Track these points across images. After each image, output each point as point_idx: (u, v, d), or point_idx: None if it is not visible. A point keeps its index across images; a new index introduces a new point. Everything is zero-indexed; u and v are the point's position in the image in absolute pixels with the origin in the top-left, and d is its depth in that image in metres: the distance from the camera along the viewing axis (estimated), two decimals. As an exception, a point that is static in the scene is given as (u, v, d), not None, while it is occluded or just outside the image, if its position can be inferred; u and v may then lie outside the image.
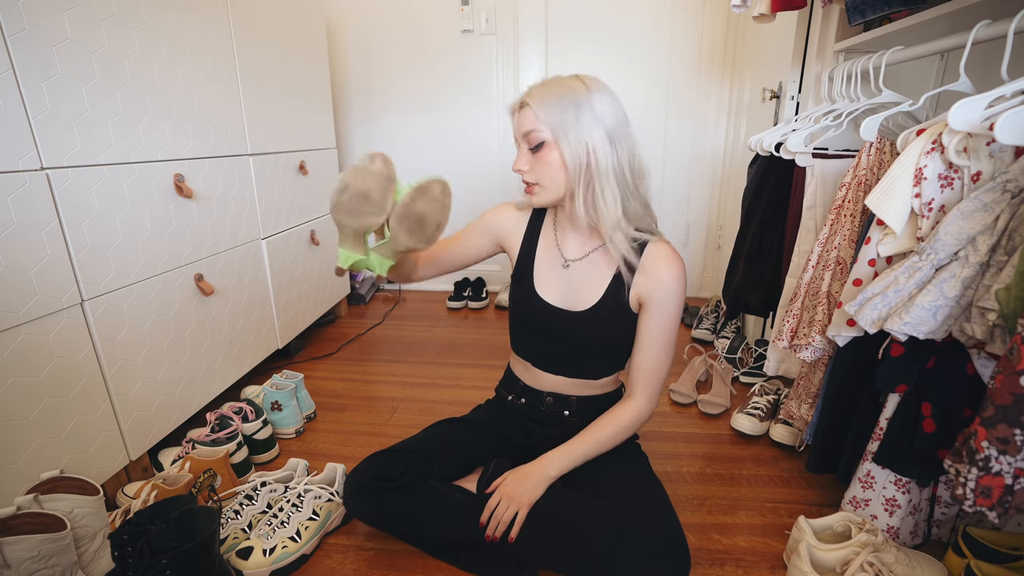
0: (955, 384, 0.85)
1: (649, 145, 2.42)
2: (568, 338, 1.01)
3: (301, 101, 1.86)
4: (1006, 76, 0.77)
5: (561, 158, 0.88)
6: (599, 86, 0.89)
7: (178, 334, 1.28)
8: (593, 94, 0.87)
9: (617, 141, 0.88)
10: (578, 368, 1.04)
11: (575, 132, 0.86)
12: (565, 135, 0.87)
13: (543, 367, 1.06)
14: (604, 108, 0.87)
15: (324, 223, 2.03)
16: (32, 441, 0.94)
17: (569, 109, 0.86)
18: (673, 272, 0.93)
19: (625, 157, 0.89)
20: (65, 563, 0.82)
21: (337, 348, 1.98)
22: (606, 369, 1.05)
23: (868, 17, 1.09)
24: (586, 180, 0.89)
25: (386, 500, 0.97)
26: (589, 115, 0.87)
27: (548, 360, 1.06)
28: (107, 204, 1.08)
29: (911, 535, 0.98)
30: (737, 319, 1.99)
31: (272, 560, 0.95)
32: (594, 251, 0.99)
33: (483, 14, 2.30)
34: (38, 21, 0.93)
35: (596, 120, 0.87)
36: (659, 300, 0.94)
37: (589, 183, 0.89)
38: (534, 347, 1.07)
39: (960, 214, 0.73)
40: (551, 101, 0.87)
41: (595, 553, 0.84)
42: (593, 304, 0.97)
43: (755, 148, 1.43)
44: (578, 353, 1.03)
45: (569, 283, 1.00)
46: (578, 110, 0.86)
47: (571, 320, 0.99)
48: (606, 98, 0.88)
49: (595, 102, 0.87)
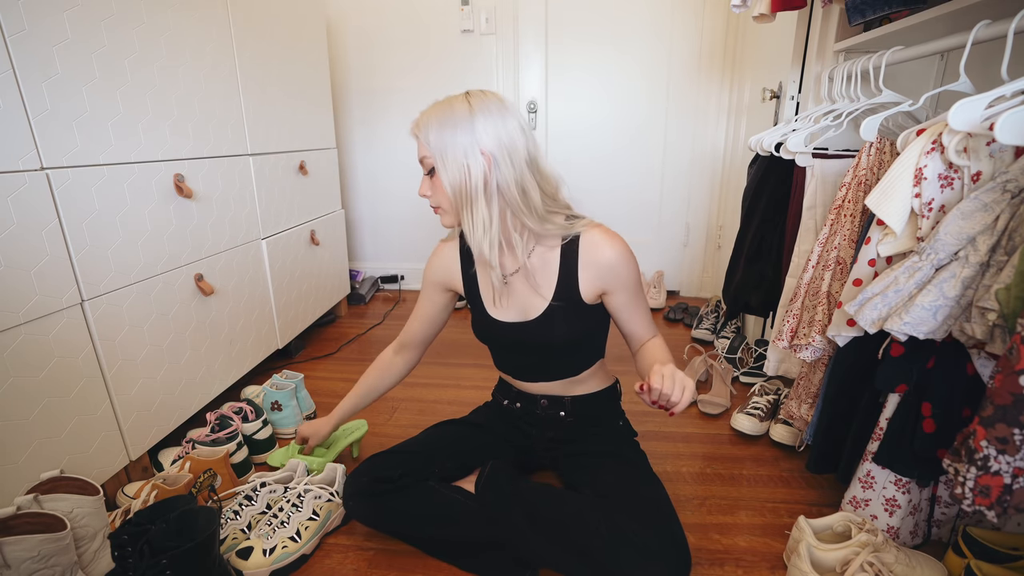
0: (955, 384, 0.85)
1: (649, 145, 2.42)
2: (535, 346, 1.01)
3: (301, 101, 1.86)
4: (1006, 76, 0.77)
5: (453, 180, 0.88)
6: (484, 104, 0.87)
7: (178, 334, 1.28)
8: (476, 114, 0.86)
9: (500, 158, 0.87)
10: (557, 370, 1.05)
11: (451, 154, 0.86)
12: (443, 158, 0.87)
13: (525, 378, 1.08)
14: (485, 127, 0.86)
15: (324, 223, 2.03)
16: (32, 441, 0.94)
17: (446, 132, 0.86)
18: (614, 252, 0.93)
19: (510, 173, 0.87)
20: (65, 563, 0.82)
21: (337, 348, 1.98)
22: (584, 363, 1.06)
23: (868, 17, 1.09)
24: (465, 200, 0.88)
25: (385, 502, 0.97)
26: (467, 135, 0.85)
27: (527, 371, 1.07)
28: (107, 204, 1.08)
29: (911, 535, 0.98)
30: (737, 319, 1.99)
31: (272, 560, 0.95)
32: (528, 259, 0.97)
33: (483, 14, 2.30)
34: (38, 21, 0.93)
35: (474, 140, 0.86)
36: (617, 281, 0.95)
37: (468, 203, 0.88)
38: (511, 362, 1.09)
39: (960, 214, 0.73)
40: (434, 127, 0.87)
41: (594, 552, 0.84)
42: (545, 308, 0.97)
43: (755, 148, 1.43)
44: (550, 356, 1.04)
45: (515, 296, 1.00)
46: (454, 132, 0.86)
47: (530, 329, 0.99)
48: (490, 116, 0.86)
49: (476, 122, 0.86)
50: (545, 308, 0.97)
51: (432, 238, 2.62)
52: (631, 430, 1.15)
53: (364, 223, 2.71)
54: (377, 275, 2.71)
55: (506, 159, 0.87)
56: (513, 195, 0.89)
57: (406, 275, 2.72)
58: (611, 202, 2.50)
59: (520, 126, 0.89)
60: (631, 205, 2.51)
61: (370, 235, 2.73)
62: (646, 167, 2.45)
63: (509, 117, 0.88)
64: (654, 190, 2.48)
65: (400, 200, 2.63)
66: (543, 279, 0.97)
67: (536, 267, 0.97)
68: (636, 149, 2.43)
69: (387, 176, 2.61)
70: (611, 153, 2.44)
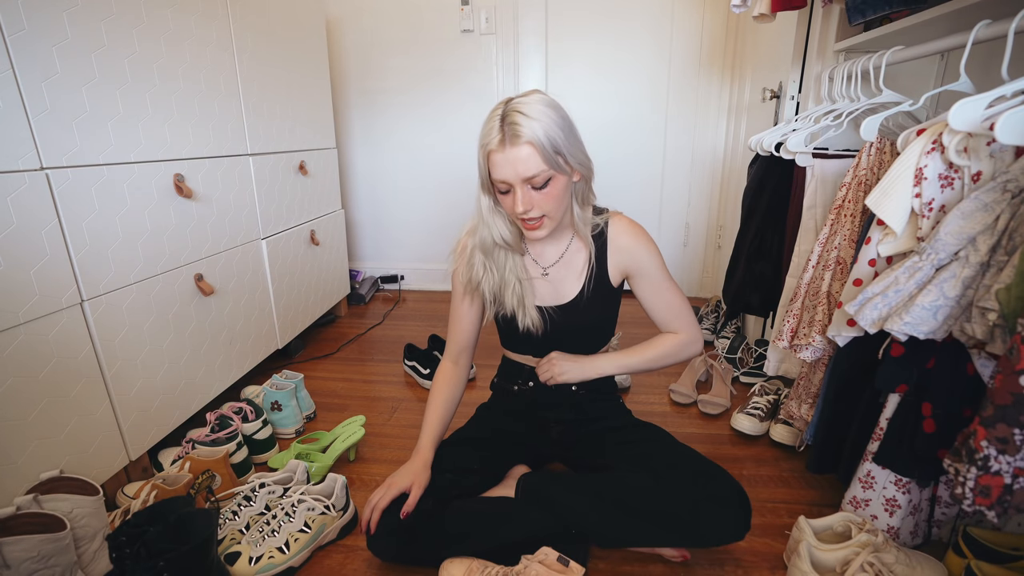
0: (955, 384, 0.85)
1: (649, 145, 2.42)
2: (566, 329, 1.04)
3: (301, 101, 1.86)
4: (1006, 76, 0.77)
5: (567, 182, 0.91)
6: (549, 97, 0.88)
7: (178, 334, 1.28)
8: (558, 107, 0.87)
9: (575, 136, 0.90)
10: (578, 351, 1.07)
11: (568, 153, 0.87)
12: (565, 161, 0.87)
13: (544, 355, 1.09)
14: (563, 113, 0.88)
15: (324, 223, 2.03)
16: (32, 441, 0.94)
17: (557, 134, 0.85)
18: (639, 238, 1.02)
19: (590, 166, 0.94)
20: (65, 563, 0.82)
21: (337, 348, 1.98)
22: (601, 342, 1.11)
23: (868, 17, 1.09)
24: (582, 187, 0.96)
25: (425, 528, 0.92)
26: (569, 130, 0.88)
27: (547, 350, 1.07)
28: (107, 204, 1.08)
29: (911, 535, 0.98)
30: (737, 319, 1.99)
31: (257, 570, 0.93)
32: (567, 250, 1.03)
33: (483, 14, 2.30)
34: (38, 21, 0.93)
35: (570, 130, 0.88)
36: (641, 265, 1.02)
37: (583, 187, 0.96)
38: (531, 344, 1.08)
39: (960, 214, 0.73)
40: (543, 134, 0.83)
41: (680, 515, 0.88)
42: (577, 292, 1.02)
43: (755, 148, 1.43)
44: (572, 336, 1.06)
45: (551, 285, 1.04)
46: (561, 131, 0.86)
47: (562, 313, 1.03)
48: (556, 103, 0.88)
49: (562, 114, 0.88)
50: (578, 291, 1.02)
51: (432, 238, 2.62)
52: (627, 409, 1.18)
53: (364, 223, 2.71)
54: (377, 275, 2.71)
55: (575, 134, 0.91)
56: (583, 188, 0.97)
57: (406, 275, 2.72)
58: (611, 202, 2.48)
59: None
60: (631, 205, 2.47)
61: (370, 235, 2.73)
62: (646, 167, 2.45)
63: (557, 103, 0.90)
64: (654, 190, 2.48)
65: (400, 200, 2.63)
66: (577, 266, 1.03)
67: (572, 256, 1.03)
68: (636, 149, 2.43)
69: (387, 176, 2.61)
70: (611, 153, 2.44)
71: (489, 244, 0.99)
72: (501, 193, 0.91)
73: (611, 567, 0.97)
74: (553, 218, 0.92)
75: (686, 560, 0.96)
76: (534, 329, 1.02)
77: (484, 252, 1.00)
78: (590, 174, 0.96)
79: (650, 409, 1.52)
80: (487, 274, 1.01)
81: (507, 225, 0.98)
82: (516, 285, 1.00)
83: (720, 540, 0.91)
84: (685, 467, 0.95)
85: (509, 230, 0.98)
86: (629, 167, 2.45)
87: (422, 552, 0.94)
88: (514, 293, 1.00)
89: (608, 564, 0.98)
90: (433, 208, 2.59)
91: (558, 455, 1.16)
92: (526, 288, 1.01)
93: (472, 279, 1.02)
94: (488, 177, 0.91)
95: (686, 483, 0.91)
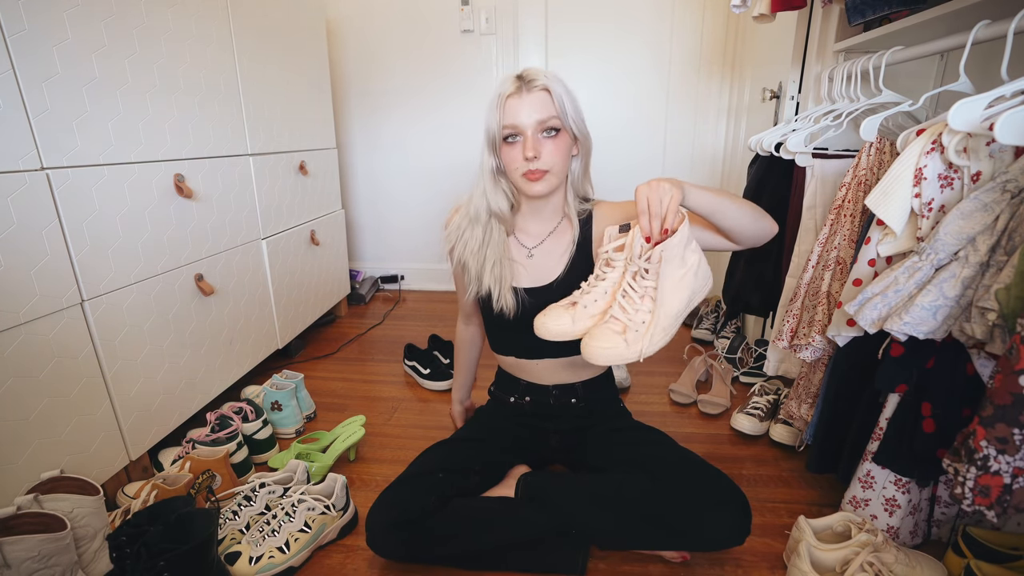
0: (955, 384, 0.85)
1: (649, 145, 2.42)
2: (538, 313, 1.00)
3: (301, 101, 1.86)
4: (1006, 76, 0.77)
5: (570, 145, 0.95)
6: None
7: (178, 334, 1.28)
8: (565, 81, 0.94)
9: (579, 108, 0.96)
10: (563, 344, 0.99)
11: (574, 117, 0.93)
12: (574, 116, 0.93)
13: (531, 355, 1.07)
14: (570, 87, 0.95)
15: (324, 223, 2.03)
16: (32, 441, 0.94)
17: (568, 94, 0.93)
18: (622, 209, 1.02)
19: (583, 118, 0.97)
20: (65, 563, 0.82)
21: (337, 348, 1.98)
22: None
23: (868, 17, 1.09)
24: (579, 170, 1.00)
25: (427, 526, 0.92)
26: (575, 100, 0.95)
27: (533, 347, 1.04)
28: (107, 204, 1.08)
29: (911, 535, 0.98)
30: (737, 319, 1.99)
31: (257, 570, 0.93)
32: (555, 230, 1.04)
33: (483, 14, 2.30)
34: (38, 21, 0.93)
35: (576, 101, 0.95)
36: None
37: (579, 171, 1.00)
38: (517, 340, 1.07)
39: (960, 214, 0.73)
40: (557, 85, 0.92)
41: (677, 517, 0.88)
42: (560, 273, 1.02)
43: (755, 148, 1.43)
44: None
45: (533, 266, 1.04)
46: (569, 95, 0.93)
47: (539, 295, 1.01)
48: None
49: (570, 87, 0.94)
50: (560, 272, 1.02)
51: (432, 238, 2.62)
52: (628, 411, 1.17)
53: (364, 223, 2.71)
54: (377, 275, 2.71)
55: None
56: (580, 173, 1.01)
57: (406, 275, 2.72)
58: (611, 202, 2.50)
59: None
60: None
61: (370, 235, 2.73)
62: (646, 168, 2.45)
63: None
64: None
65: (400, 200, 2.63)
66: (561, 247, 1.03)
67: (555, 238, 1.04)
68: (636, 149, 2.43)
69: (387, 176, 2.61)
70: (611, 153, 2.43)
71: (483, 214, 1.00)
72: (508, 144, 0.93)
73: (611, 567, 0.97)
74: (555, 174, 0.94)
75: (686, 560, 0.97)
76: (507, 312, 1.01)
77: (474, 222, 1.02)
78: (587, 154, 0.99)
79: (650, 409, 1.52)
80: (471, 249, 1.03)
81: (505, 194, 1.00)
82: (496, 265, 1.01)
83: (720, 544, 0.90)
84: (685, 470, 0.95)
85: (507, 199, 1.01)
86: (629, 167, 2.45)
87: (422, 550, 0.93)
88: (492, 271, 1.01)
89: (608, 564, 0.98)
90: (433, 208, 2.58)
91: (559, 458, 1.16)
92: (505, 267, 1.01)
93: (459, 256, 1.05)
94: (497, 131, 0.93)
95: (686, 486, 0.91)
